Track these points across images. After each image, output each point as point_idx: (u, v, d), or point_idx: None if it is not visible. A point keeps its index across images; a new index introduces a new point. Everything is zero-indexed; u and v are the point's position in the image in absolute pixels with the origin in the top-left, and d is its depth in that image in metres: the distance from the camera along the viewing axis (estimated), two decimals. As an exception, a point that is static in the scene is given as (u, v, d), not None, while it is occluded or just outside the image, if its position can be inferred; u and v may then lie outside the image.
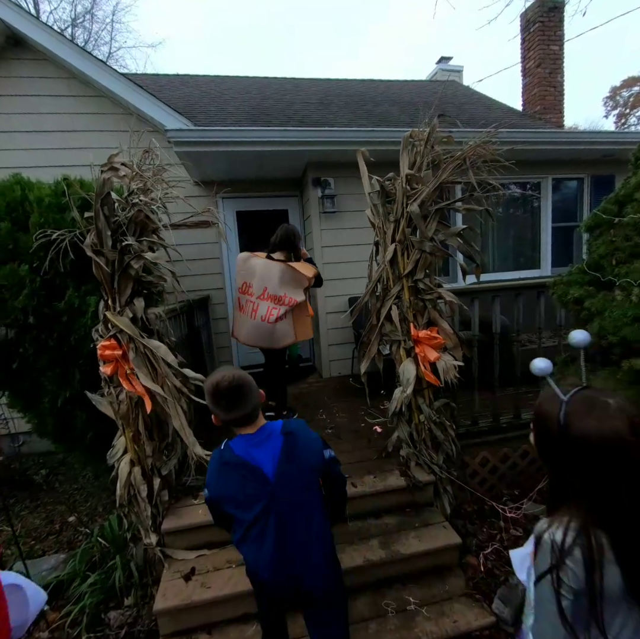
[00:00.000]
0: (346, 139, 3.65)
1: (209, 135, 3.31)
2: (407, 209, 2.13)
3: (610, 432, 0.76)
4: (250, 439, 1.24)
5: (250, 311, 2.82)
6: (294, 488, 1.22)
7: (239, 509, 1.21)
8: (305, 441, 1.27)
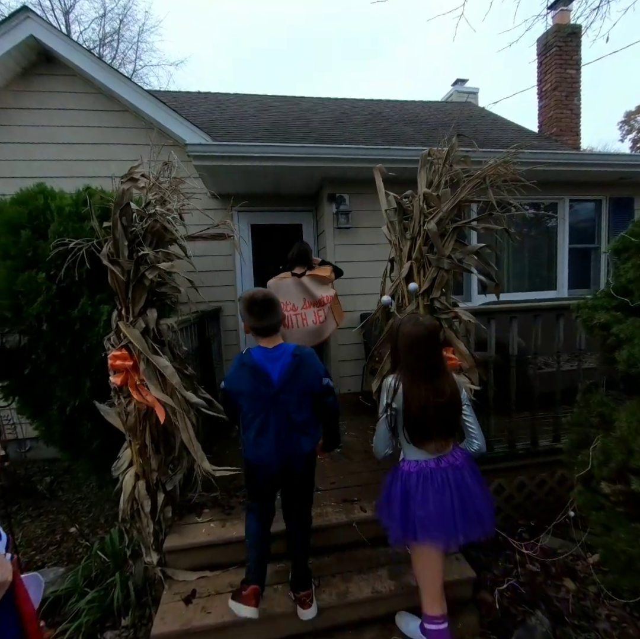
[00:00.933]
0: (361, 156, 3.68)
1: (227, 150, 3.37)
2: (424, 226, 2.10)
3: (417, 332, 1.52)
4: (266, 352, 1.58)
5: (300, 322, 3.37)
6: (292, 396, 1.55)
7: (249, 401, 1.56)
8: (310, 365, 1.59)
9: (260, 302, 1.55)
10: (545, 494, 2.62)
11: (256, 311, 1.56)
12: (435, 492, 1.44)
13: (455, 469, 1.50)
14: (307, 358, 1.59)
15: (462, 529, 1.41)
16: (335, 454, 2.81)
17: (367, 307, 4.28)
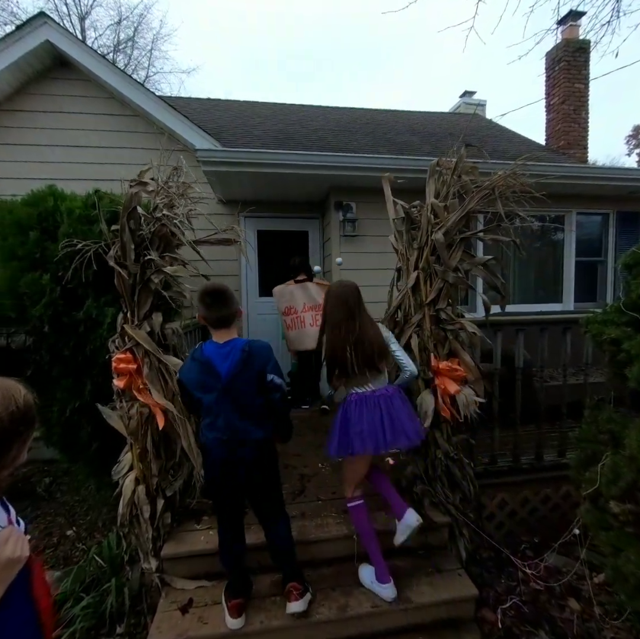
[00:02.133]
0: (369, 165, 3.69)
1: (235, 156, 3.40)
2: (431, 237, 2.10)
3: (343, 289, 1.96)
4: (217, 347, 1.60)
5: (299, 324, 3.71)
6: (241, 388, 1.57)
7: (202, 393, 1.59)
8: (257, 360, 1.59)
9: (211, 293, 1.60)
10: (549, 510, 2.57)
11: (207, 301, 1.59)
12: (367, 412, 1.76)
13: (386, 397, 1.81)
14: (256, 353, 1.60)
15: (390, 439, 1.74)
16: (337, 463, 2.78)
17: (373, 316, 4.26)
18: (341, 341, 1.75)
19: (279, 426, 1.74)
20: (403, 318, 2.25)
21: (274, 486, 1.74)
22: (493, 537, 2.49)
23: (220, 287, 1.62)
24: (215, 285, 1.64)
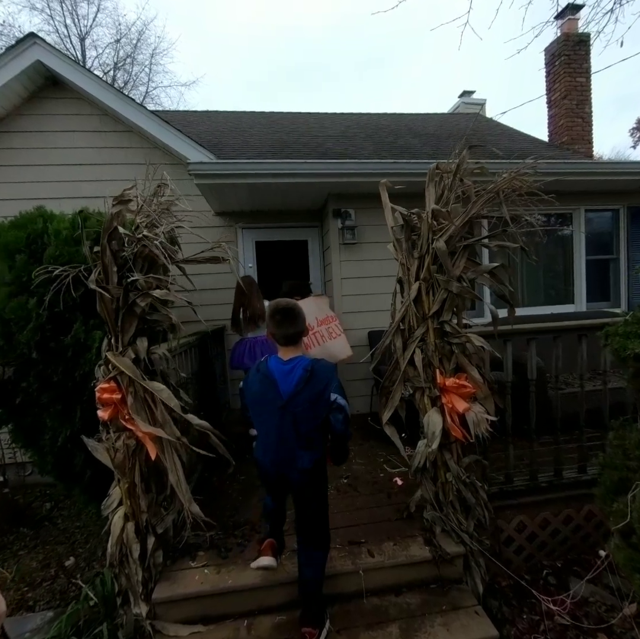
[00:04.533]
0: (367, 170, 3.59)
1: (229, 168, 3.31)
2: (432, 245, 1.97)
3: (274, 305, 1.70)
4: (281, 363, 1.62)
5: (319, 339, 3.57)
6: (299, 408, 1.55)
7: (261, 407, 1.62)
8: (321, 380, 1.57)
9: (282, 310, 1.62)
10: (572, 532, 2.39)
11: (277, 318, 1.61)
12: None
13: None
14: (319, 373, 1.59)
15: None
16: (342, 485, 2.63)
17: (375, 325, 4.13)
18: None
19: (336, 449, 1.70)
20: (407, 332, 2.11)
21: (317, 506, 1.71)
22: (512, 563, 2.32)
23: (290, 305, 1.65)
24: (286, 302, 1.66)
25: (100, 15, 17.26)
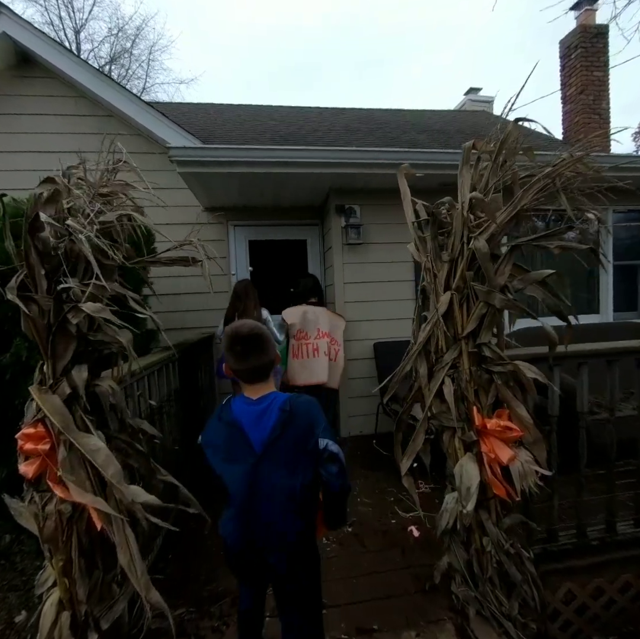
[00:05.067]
0: (374, 160, 3.13)
1: (216, 155, 2.86)
2: (469, 245, 1.52)
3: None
4: (249, 404, 1.22)
5: (309, 352, 3.18)
6: (278, 462, 1.16)
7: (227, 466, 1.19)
8: (302, 422, 1.18)
9: (244, 339, 1.20)
10: (630, 601, 1.94)
11: (238, 350, 1.21)
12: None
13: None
14: (301, 413, 1.20)
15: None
16: (345, 535, 2.18)
17: (382, 335, 3.69)
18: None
19: (331, 510, 1.27)
20: (429, 354, 1.66)
21: (309, 601, 1.27)
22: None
23: (255, 331, 1.23)
24: (248, 328, 1.22)
25: (97, 9, 16.81)
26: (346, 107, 8.49)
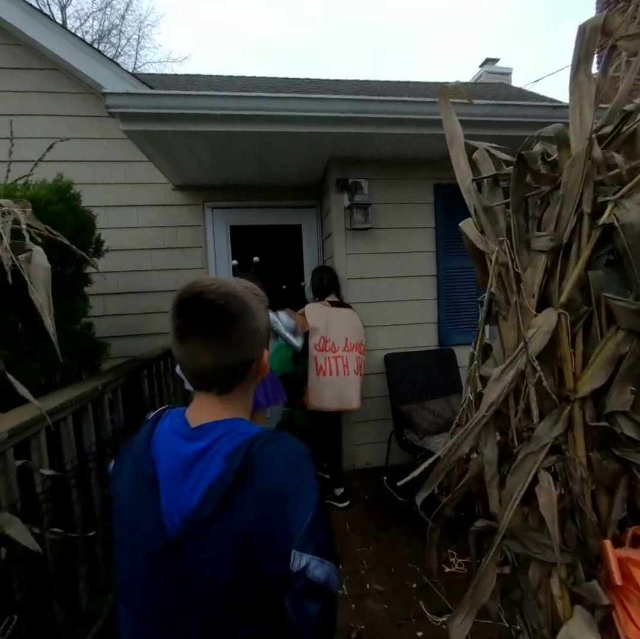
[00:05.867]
0: (395, 115, 2.28)
1: (171, 104, 2.07)
2: (598, 218, 0.76)
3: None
4: (180, 435, 0.60)
5: (341, 367, 2.45)
6: (204, 572, 0.53)
7: (121, 544, 0.60)
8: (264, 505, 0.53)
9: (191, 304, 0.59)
10: None
11: (178, 323, 0.60)
12: None
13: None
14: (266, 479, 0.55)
15: None
16: None
17: (394, 345, 2.94)
18: None
19: None
20: (514, 428, 0.91)
21: None
22: None
23: (209, 298, 0.58)
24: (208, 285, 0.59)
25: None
26: (349, 79, 7.62)
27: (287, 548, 0.52)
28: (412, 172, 2.87)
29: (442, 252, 2.94)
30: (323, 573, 0.53)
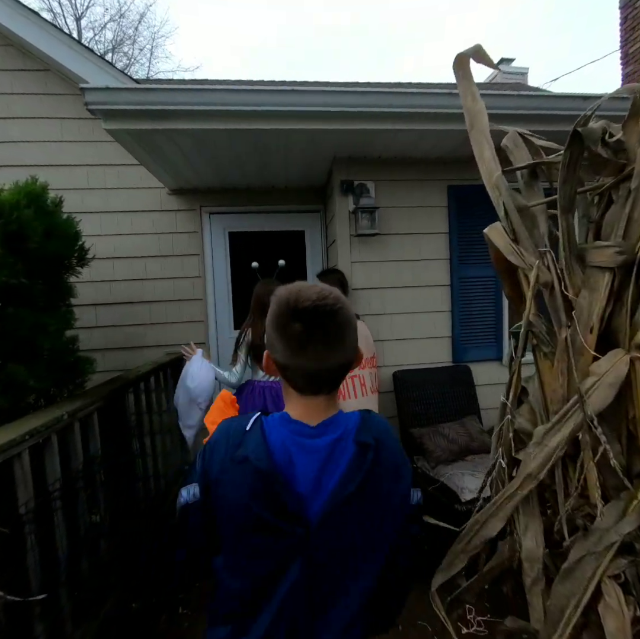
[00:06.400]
0: (408, 109, 2.05)
1: (157, 100, 1.88)
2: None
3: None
4: (304, 435, 0.65)
5: (359, 387, 2.22)
6: (344, 548, 0.65)
7: (240, 545, 0.64)
8: (390, 465, 0.68)
9: (312, 315, 0.60)
10: None
11: (294, 333, 0.61)
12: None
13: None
14: (389, 447, 0.68)
15: None
16: None
17: (403, 361, 2.70)
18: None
19: (392, 597, 0.76)
20: (563, 516, 0.66)
21: None
22: None
23: (337, 305, 0.62)
24: (325, 296, 0.61)
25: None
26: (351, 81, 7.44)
27: (408, 490, 0.71)
28: (424, 172, 2.64)
29: (457, 260, 2.69)
30: (420, 495, 0.75)
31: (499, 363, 2.81)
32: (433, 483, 2.16)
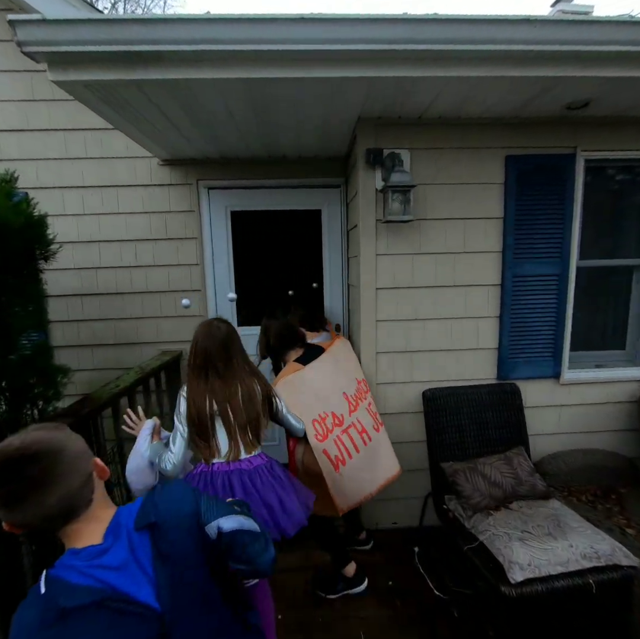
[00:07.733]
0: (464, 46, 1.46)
1: (114, 38, 1.35)
2: None
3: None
4: (97, 555, 0.64)
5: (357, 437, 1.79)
6: (191, 607, 0.68)
7: None
8: (174, 517, 0.71)
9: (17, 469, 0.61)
10: None
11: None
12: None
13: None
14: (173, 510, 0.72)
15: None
16: None
17: (435, 377, 2.22)
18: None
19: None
20: None
21: None
22: None
23: (28, 451, 0.61)
24: (17, 446, 0.61)
25: None
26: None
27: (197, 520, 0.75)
28: (475, 138, 2.03)
29: (511, 254, 2.12)
30: (235, 523, 0.80)
31: (555, 381, 2.29)
32: (468, 539, 1.74)
